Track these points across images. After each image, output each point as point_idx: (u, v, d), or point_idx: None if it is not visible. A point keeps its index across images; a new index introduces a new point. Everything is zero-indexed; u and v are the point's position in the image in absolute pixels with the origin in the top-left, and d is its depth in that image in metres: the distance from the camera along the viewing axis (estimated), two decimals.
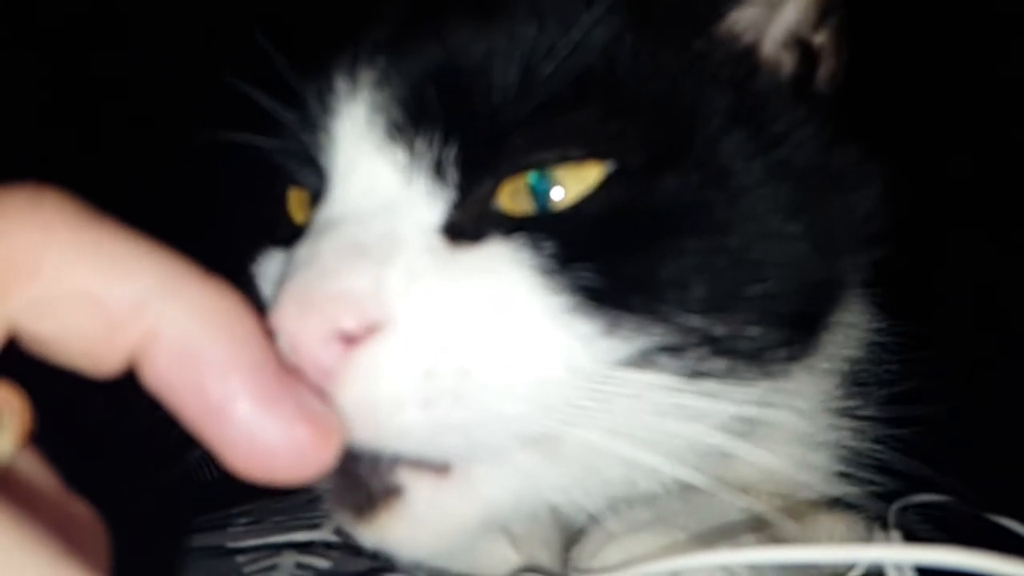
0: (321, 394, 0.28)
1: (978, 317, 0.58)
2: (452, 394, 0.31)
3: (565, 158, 0.34)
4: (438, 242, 0.34)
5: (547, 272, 0.33)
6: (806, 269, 0.36)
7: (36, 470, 0.23)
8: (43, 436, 0.23)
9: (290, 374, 0.23)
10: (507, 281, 0.33)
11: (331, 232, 0.34)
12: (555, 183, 0.34)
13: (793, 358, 0.37)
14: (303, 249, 0.33)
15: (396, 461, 0.33)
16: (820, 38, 0.42)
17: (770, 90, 0.39)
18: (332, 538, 0.45)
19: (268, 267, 0.40)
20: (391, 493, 0.33)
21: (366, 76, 0.37)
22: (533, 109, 0.35)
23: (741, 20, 0.40)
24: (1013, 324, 0.56)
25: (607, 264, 0.33)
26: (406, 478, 0.33)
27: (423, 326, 0.31)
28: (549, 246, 0.33)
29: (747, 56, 0.40)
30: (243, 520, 0.48)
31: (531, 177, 0.34)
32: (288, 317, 0.30)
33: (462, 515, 0.34)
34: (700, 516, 0.38)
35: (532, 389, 0.32)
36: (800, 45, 0.41)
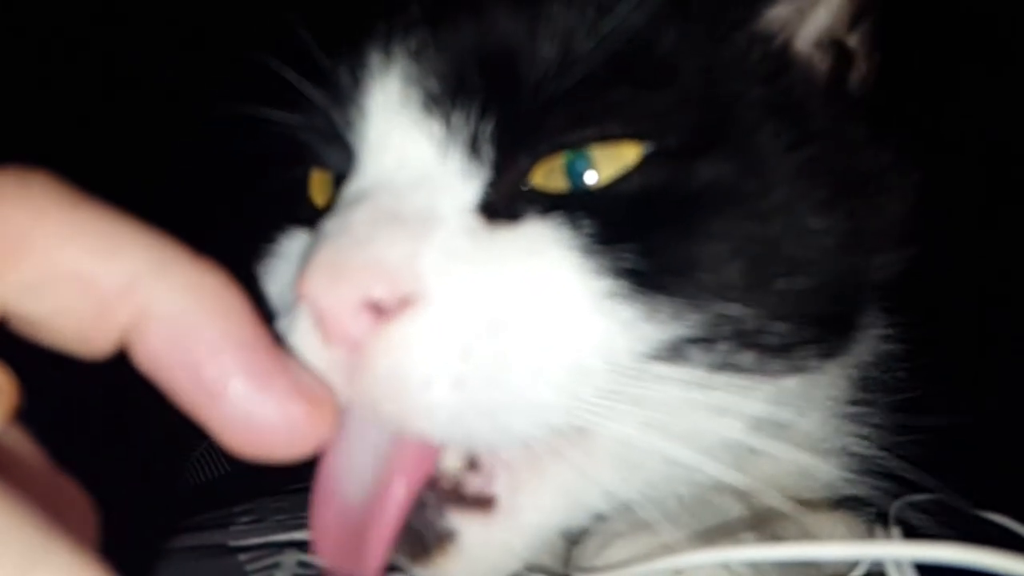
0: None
1: (986, 323, 0.58)
2: (485, 376, 0.30)
3: (603, 137, 0.34)
4: (475, 222, 0.33)
5: (588, 253, 0.32)
6: (836, 268, 0.36)
7: (23, 446, 0.23)
8: (34, 419, 0.23)
9: (282, 351, 0.23)
10: (548, 262, 0.32)
11: (364, 202, 0.33)
12: (591, 163, 0.34)
13: (821, 357, 0.37)
14: (332, 221, 0.33)
15: (444, 505, 0.33)
16: (853, 40, 0.42)
17: (805, 88, 0.39)
18: None
19: (289, 246, 0.40)
20: (444, 538, 0.33)
21: (402, 49, 0.37)
22: (572, 87, 0.34)
23: (777, 18, 0.40)
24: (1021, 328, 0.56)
25: (645, 245, 0.32)
26: (456, 522, 0.33)
27: (459, 304, 0.30)
28: (588, 225, 0.32)
29: (783, 54, 0.40)
30: (245, 519, 0.48)
31: (567, 156, 0.34)
32: (317, 285, 0.30)
33: (513, 547, 0.34)
34: (701, 515, 0.38)
35: (568, 377, 0.31)
36: (834, 46, 0.41)
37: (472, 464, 0.34)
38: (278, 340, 0.24)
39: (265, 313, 0.32)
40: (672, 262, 0.33)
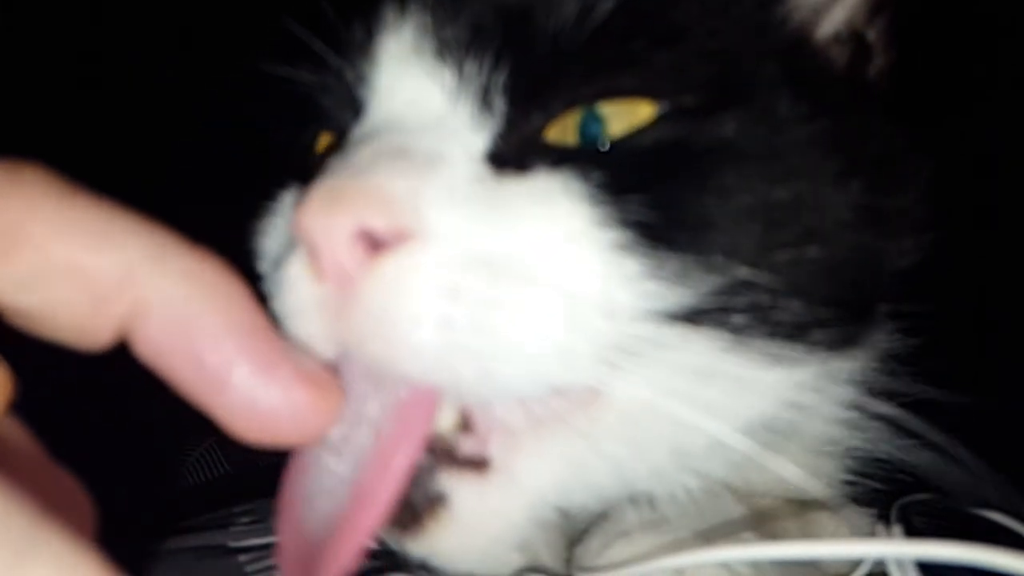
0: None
1: (997, 320, 0.57)
2: (474, 320, 0.29)
3: (617, 91, 0.33)
4: (483, 169, 0.32)
5: (596, 204, 0.31)
6: (851, 243, 0.36)
7: (18, 437, 0.23)
8: (30, 421, 0.23)
9: (284, 338, 0.24)
10: (554, 211, 0.31)
11: (370, 140, 0.33)
12: (606, 119, 0.33)
13: (836, 344, 0.36)
14: (335, 159, 0.32)
15: (434, 468, 0.32)
16: (872, 33, 0.42)
17: (822, 71, 0.40)
18: None
19: (287, 201, 0.39)
20: (435, 502, 0.32)
21: (417, 1, 0.36)
22: (589, 41, 0.34)
23: (799, 5, 0.40)
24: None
25: (655, 198, 0.32)
26: (447, 484, 0.32)
27: (457, 244, 0.30)
28: (598, 177, 0.32)
29: (804, 37, 0.40)
30: (245, 519, 0.48)
31: (582, 112, 0.33)
32: (314, 212, 0.29)
33: (510, 514, 0.33)
34: (701, 514, 0.38)
35: (565, 329, 0.30)
36: (853, 38, 0.41)
37: (466, 425, 0.33)
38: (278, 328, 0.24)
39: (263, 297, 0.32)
40: (681, 217, 0.32)
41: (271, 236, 0.39)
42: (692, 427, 0.32)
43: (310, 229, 0.29)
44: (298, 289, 0.31)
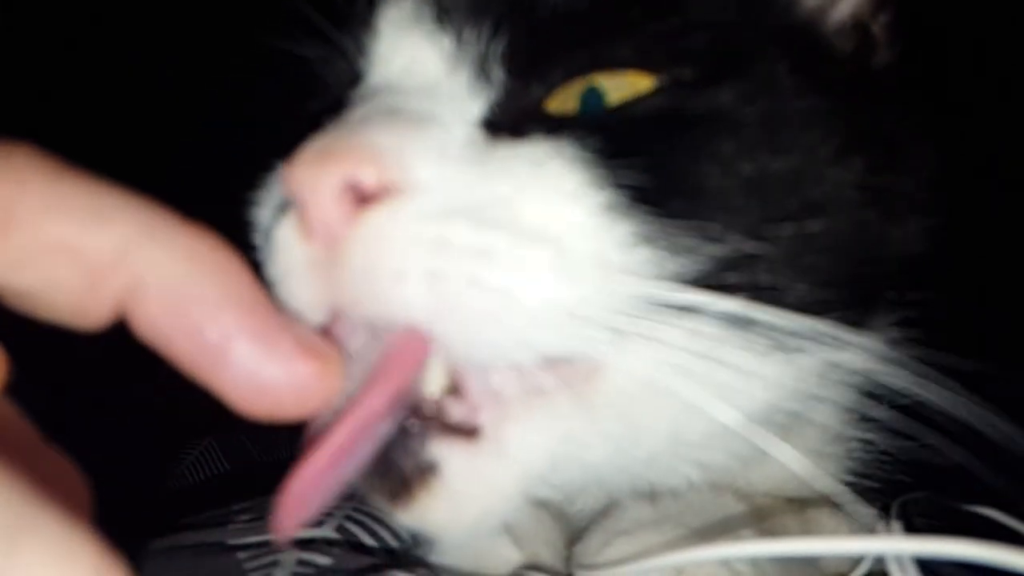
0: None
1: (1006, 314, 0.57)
2: (464, 274, 0.29)
3: (615, 63, 0.33)
4: (477, 134, 0.32)
5: (589, 167, 0.31)
6: (854, 221, 0.35)
7: (13, 420, 0.23)
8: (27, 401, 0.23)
9: (284, 311, 0.23)
10: (546, 173, 0.31)
11: (365, 102, 0.33)
12: (606, 92, 0.33)
13: (842, 328, 0.34)
14: (331, 122, 0.32)
15: (424, 432, 0.31)
16: (876, 26, 0.42)
17: (829, 57, 0.40)
18: (334, 535, 0.45)
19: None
20: (425, 471, 0.31)
21: None
22: (587, 12, 0.34)
23: None
24: None
25: (651, 164, 0.32)
26: (438, 452, 0.31)
27: (445, 199, 0.29)
28: (593, 143, 0.32)
29: (812, 21, 0.40)
30: (244, 516, 0.48)
31: (582, 86, 0.33)
32: (304, 166, 0.29)
33: (501, 484, 0.32)
34: (701, 513, 0.38)
35: (555, 286, 0.30)
36: (859, 27, 0.41)
37: (456, 390, 0.32)
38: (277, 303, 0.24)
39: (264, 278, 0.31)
40: (676, 184, 0.32)
41: (265, 206, 0.38)
42: (691, 408, 0.31)
43: (297, 183, 0.29)
44: (288, 250, 0.31)
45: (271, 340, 0.22)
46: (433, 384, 0.32)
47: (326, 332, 0.31)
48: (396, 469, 0.31)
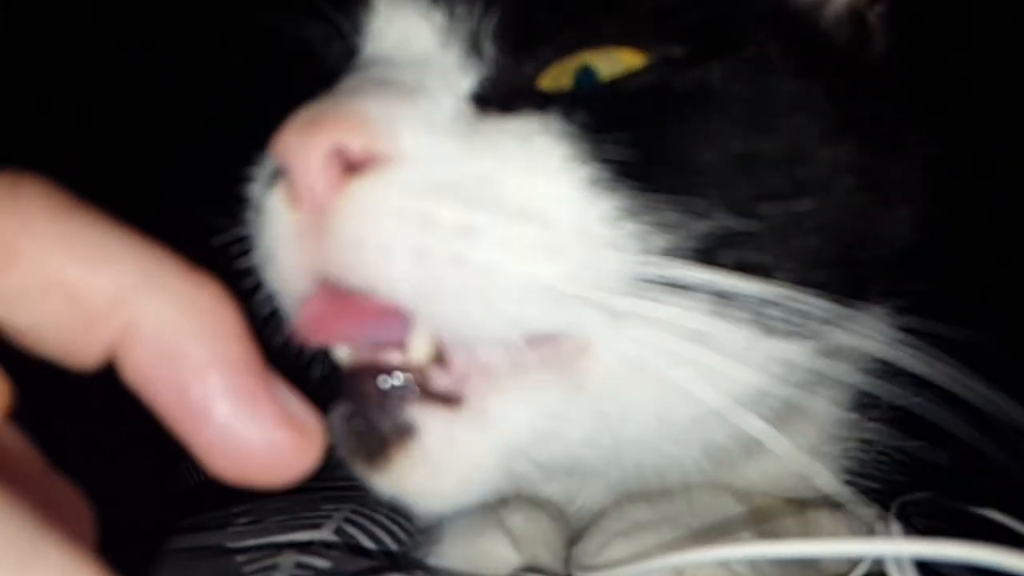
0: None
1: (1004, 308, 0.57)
2: (449, 251, 0.29)
3: (604, 39, 0.33)
4: (466, 107, 0.32)
5: (576, 141, 0.31)
6: (844, 203, 0.35)
7: (18, 446, 0.23)
8: (28, 418, 0.23)
9: (273, 375, 0.23)
10: (532, 147, 0.31)
11: (356, 73, 0.33)
12: (600, 71, 0.33)
13: (833, 311, 0.34)
14: (322, 94, 0.32)
15: (405, 396, 0.31)
16: (873, 15, 0.42)
17: (824, 41, 0.39)
18: (332, 538, 0.45)
19: None
20: (403, 433, 0.31)
21: None
22: None
23: None
24: None
25: (640, 141, 0.32)
26: (418, 415, 0.31)
27: (430, 171, 0.30)
28: (581, 117, 0.32)
29: (808, 12, 0.40)
30: (243, 519, 0.48)
31: (576, 62, 0.33)
32: (292, 133, 0.29)
33: (480, 454, 0.32)
34: (700, 514, 0.38)
35: (542, 261, 0.30)
36: (855, 16, 0.41)
37: (441, 359, 0.32)
38: (269, 364, 0.24)
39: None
40: (663, 159, 0.32)
41: (258, 181, 0.38)
42: (679, 390, 0.31)
43: (285, 150, 0.29)
44: (276, 218, 0.32)
45: (253, 403, 0.22)
46: (419, 352, 0.32)
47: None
48: (374, 429, 0.31)
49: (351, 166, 0.29)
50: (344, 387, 0.32)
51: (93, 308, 0.21)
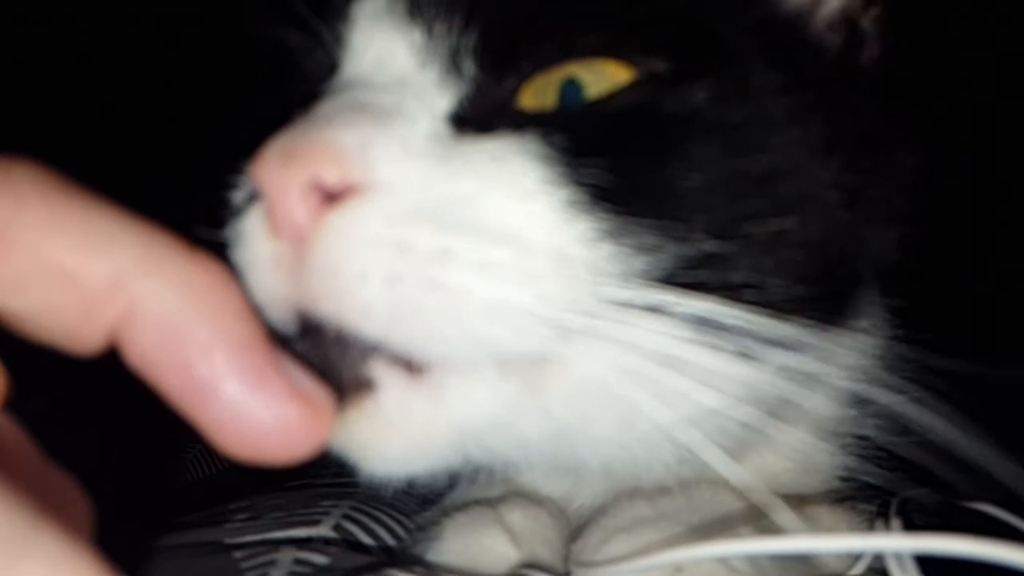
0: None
1: (993, 316, 0.57)
2: (423, 276, 0.29)
3: (585, 52, 0.33)
4: (443, 129, 0.32)
5: (554, 164, 0.31)
6: (830, 220, 0.35)
7: (12, 436, 0.23)
8: (25, 414, 0.22)
9: (279, 351, 0.23)
10: (509, 170, 0.31)
11: (334, 96, 0.33)
12: (585, 86, 0.33)
13: (813, 328, 0.34)
14: (300, 116, 0.32)
15: (369, 350, 0.31)
16: (866, 21, 0.42)
17: (814, 53, 0.39)
18: (331, 534, 0.45)
19: None
20: (362, 386, 0.31)
21: None
22: (560, 3, 0.34)
23: None
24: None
25: (620, 163, 0.31)
26: (379, 371, 0.31)
27: (406, 198, 0.30)
28: (560, 140, 0.32)
29: (798, 17, 0.39)
30: (241, 516, 0.48)
31: (559, 77, 0.33)
32: (267, 165, 0.29)
33: (434, 425, 0.31)
34: (699, 510, 0.38)
35: (515, 286, 0.29)
36: (848, 23, 0.41)
37: None
38: (273, 341, 0.24)
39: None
40: (641, 182, 0.32)
41: (241, 190, 0.37)
42: (641, 413, 0.31)
43: (263, 181, 0.29)
44: (255, 244, 0.31)
45: (261, 380, 0.22)
46: None
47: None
48: (335, 377, 0.31)
49: (329, 196, 0.29)
50: (309, 327, 0.31)
51: (92, 292, 0.21)
